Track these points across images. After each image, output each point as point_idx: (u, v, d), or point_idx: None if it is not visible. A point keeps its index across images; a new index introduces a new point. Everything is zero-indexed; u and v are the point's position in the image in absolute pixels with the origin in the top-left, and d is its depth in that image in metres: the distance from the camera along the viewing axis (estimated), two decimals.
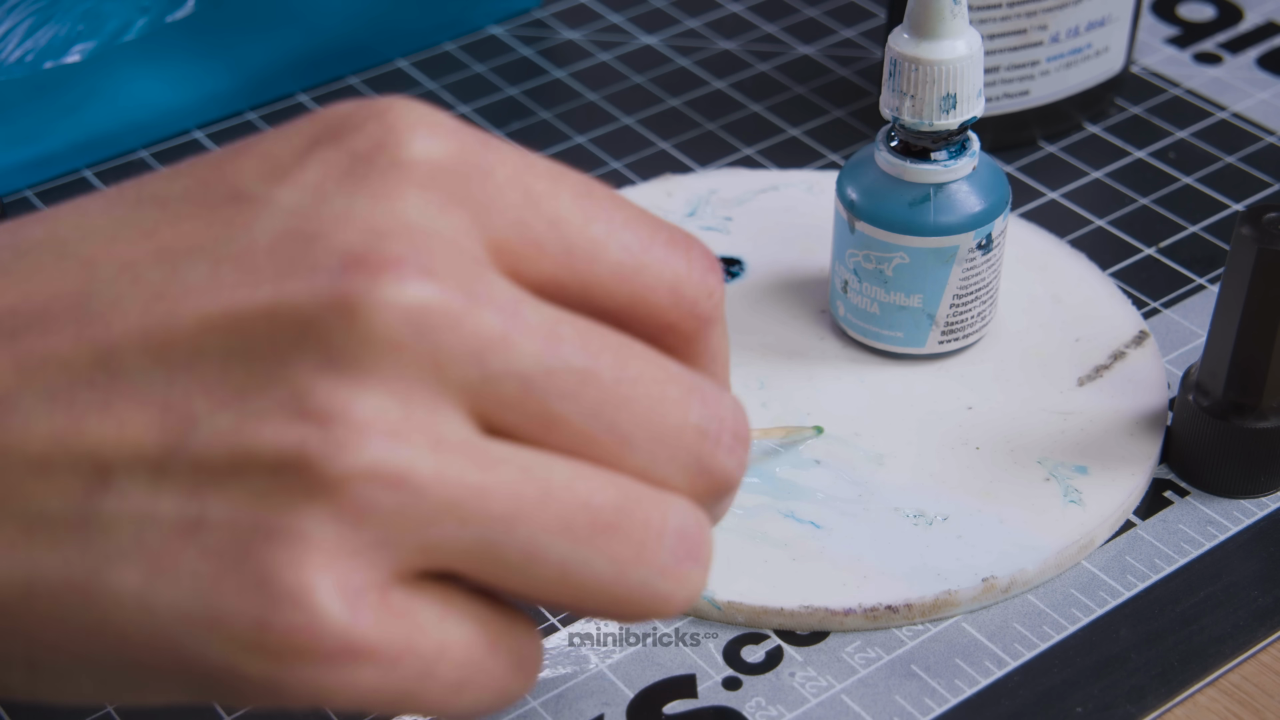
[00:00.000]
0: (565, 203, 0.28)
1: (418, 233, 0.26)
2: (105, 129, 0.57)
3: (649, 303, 0.29)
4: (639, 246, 0.29)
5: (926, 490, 0.44)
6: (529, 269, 0.28)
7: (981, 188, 0.46)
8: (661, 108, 0.60)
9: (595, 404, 0.27)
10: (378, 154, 0.27)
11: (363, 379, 0.26)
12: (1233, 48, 0.62)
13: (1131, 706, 0.39)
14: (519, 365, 0.26)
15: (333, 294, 0.26)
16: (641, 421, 0.28)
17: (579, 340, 0.27)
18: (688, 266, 0.29)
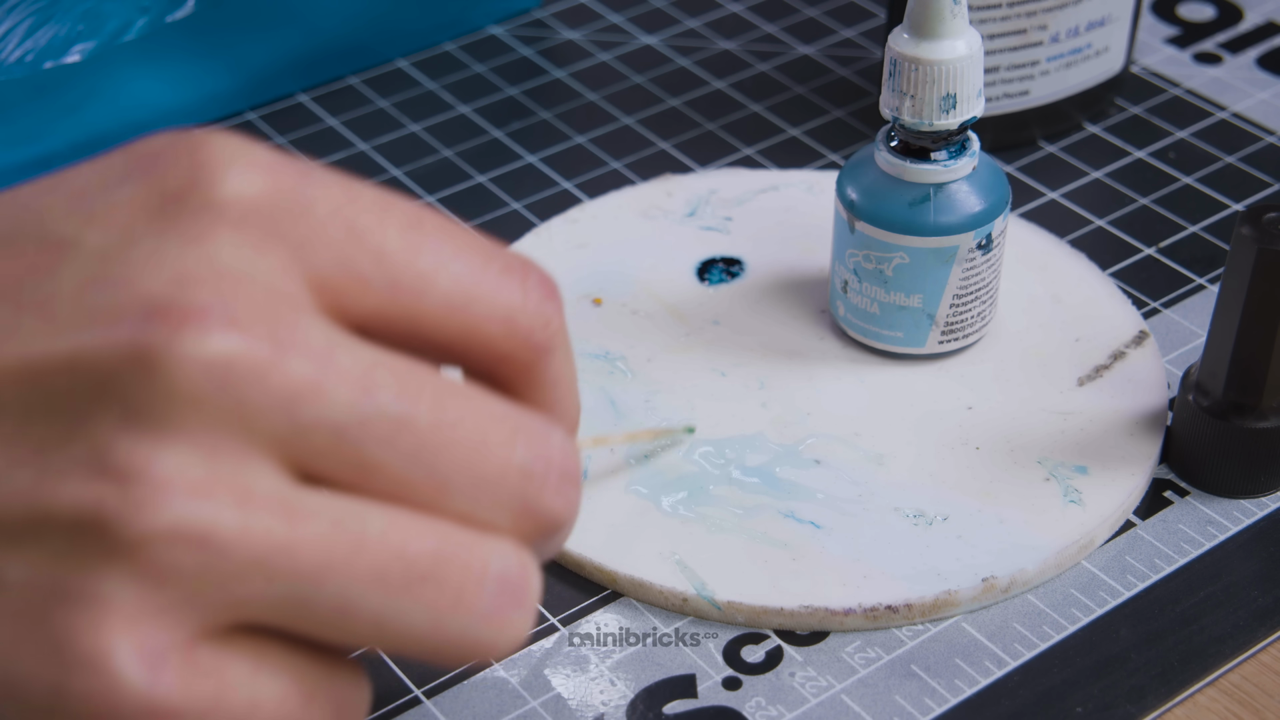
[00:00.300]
0: (391, 235, 0.27)
1: (227, 278, 0.25)
2: (105, 129, 0.57)
3: (481, 335, 0.28)
4: (470, 278, 0.28)
5: (926, 490, 0.44)
6: (353, 305, 0.27)
7: (981, 188, 0.46)
8: (661, 108, 0.60)
9: (413, 450, 0.26)
10: (189, 193, 0.26)
11: (164, 435, 0.25)
12: (1233, 48, 0.62)
13: (1131, 706, 0.39)
14: (331, 414, 0.26)
15: (133, 347, 0.25)
16: (462, 466, 0.27)
17: (396, 385, 0.26)
18: (523, 296, 0.28)
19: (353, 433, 0.26)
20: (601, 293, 0.51)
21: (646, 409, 0.46)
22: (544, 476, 0.28)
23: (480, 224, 0.55)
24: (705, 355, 0.48)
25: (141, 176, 0.27)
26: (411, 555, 0.26)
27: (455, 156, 0.58)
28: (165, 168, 0.27)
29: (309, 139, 0.59)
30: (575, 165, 0.57)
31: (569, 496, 0.29)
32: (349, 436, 0.26)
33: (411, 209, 0.28)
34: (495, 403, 0.28)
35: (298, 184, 0.27)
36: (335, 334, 0.26)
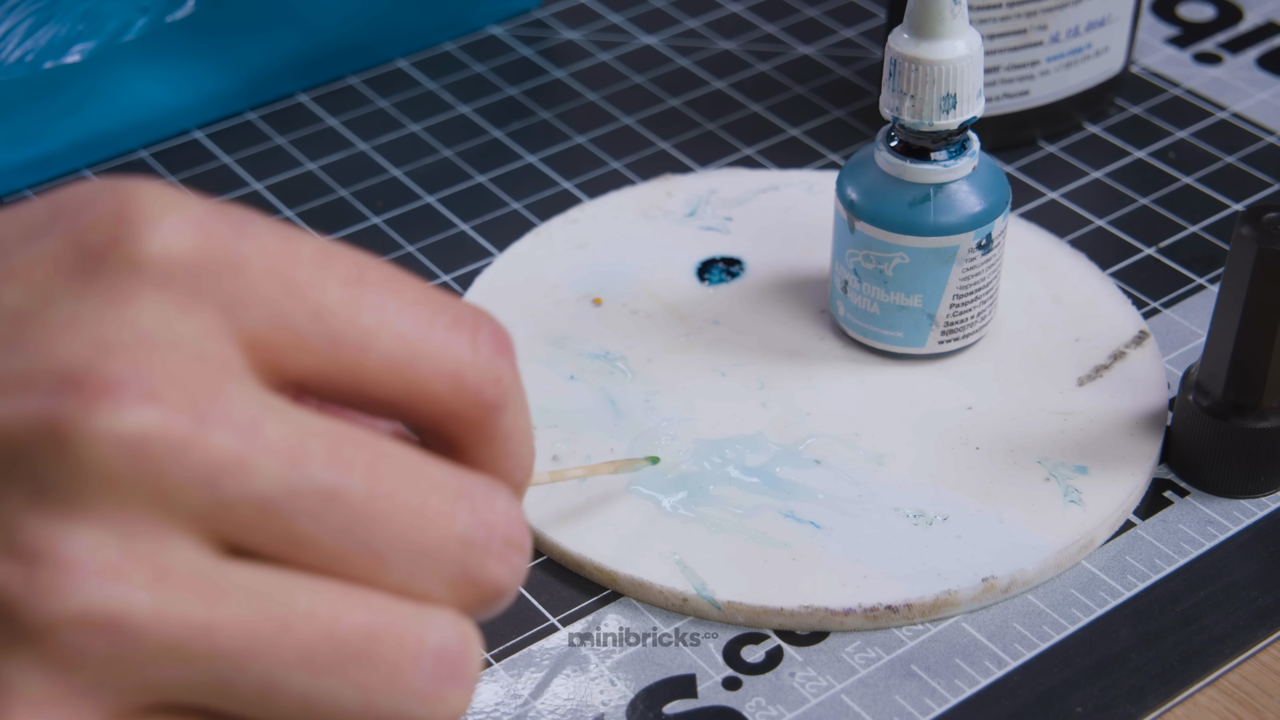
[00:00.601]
0: (331, 291, 0.26)
1: (147, 345, 0.24)
2: (105, 129, 0.57)
3: (427, 392, 0.27)
4: (415, 334, 0.26)
5: (926, 490, 0.44)
6: (290, 363, 0.26)
7: (981, 188, 0.45)
8: (661, 108, 0.60)
9: (345, 523, 0.25)
10: (112, 250, 0.25)
11: (75, 514, 0.24)
12: (1233, 48, 0.62)
13: (1131, 706, 0.39)
14: (257, 488, 0.24)
15: (44, 420, 0.24)
16: (398, 537, 0.26)
17: (327, 455, 0.25)
18: (472, 352, 0.27)
19: (281, 506, 0.25)
20: (601, 293, 0.51)
21: (646, 409, 0.46)
22: (486, 544, 0.27)
23: (480, 224, 0.55)
24: (705, 355, 0.48)
25: (63, 230, 0.25)
26: (342, 633, 0.25)
27: (455, 156, 0.58)
28: (88, 221, 0.25)
29: (309, 139, 0.59)
30: (575, 165, 0.57)
31: (513, 563, 0.27)
32: (276, 510, 0.25)
33: (354, 261, 0.27)
34: (435, 467, 0.27)
35: (230, 239, 0.26)
36: (264, 399, 0.25)
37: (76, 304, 0.24)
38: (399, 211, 0.56)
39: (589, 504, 0.44)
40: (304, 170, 0.58)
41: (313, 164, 0.58)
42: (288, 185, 0.57)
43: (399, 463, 0.26)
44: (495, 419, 0.28)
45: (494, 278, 0.52)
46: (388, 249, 0.54)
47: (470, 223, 0.55)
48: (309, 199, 0.56)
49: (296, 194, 0.57)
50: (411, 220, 0.55)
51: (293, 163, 0.58)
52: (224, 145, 0.59)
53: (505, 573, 0.27)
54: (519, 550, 0.27)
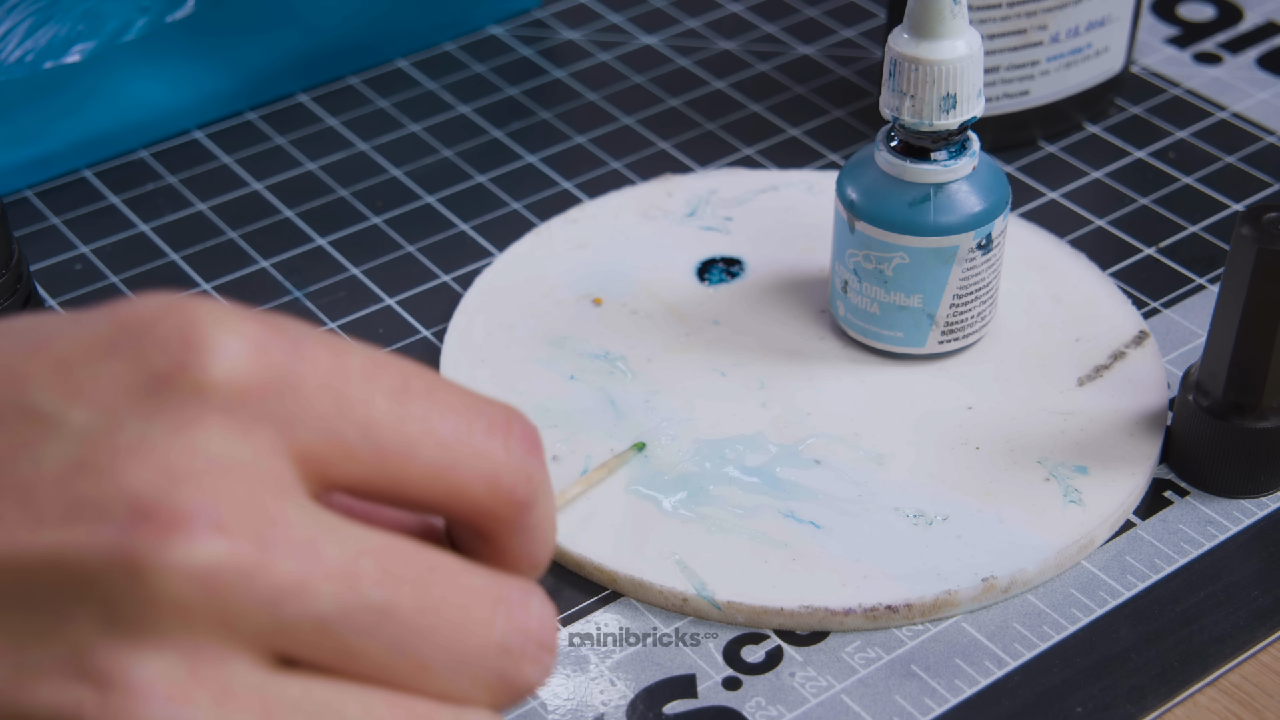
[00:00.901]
0: (378, 405, 0.27)
1: (213, 472, 0.25)
2: (105, 129, 0.57)
3: (465, 495, 0.28)
4: (455, 440, 0.28)
5: (926, 490, 0.44)
6: (338, 473, 0.27)
7: (981, 188, 0.45)
8: (661, 108, 0.60)
9: (395, 637, 0.27)
10: (177, 375, 0.26)
11: (146, 641, 0.25)
12: (1233, 48, 0.62)
13: (1131, 706, 0.39)
14: (315, 609, 0.26)
15: (119, 551, 0.25)
16: (443, 648, 0.27)
17: (380, 573, 0.26)
18: (505, 454, 0.28)
19: (336, 625, 0.26)
20: (601, 293, 0.51)
21: (646, 409, 0.46)
22: (522, 649, 0.28)
23: (480, 224, 0.55)
24: (705, 355, 0.48)
25: (129, 351, 0.26)
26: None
27: (455, 156, 0.58)
28: (153, 344, 0.26)
29: (309, 139, 0.59)
30: (575, 165, 0.57)
31: (544, 664, 0.29)
32: (332, 628, 0.26)
33: (399, 371, 0.28)
34: (475, 575, 0.28)
35: (287, 359, 0.27)
36: (319, 517, 0.26)
37: (144, 427, 0.25)
38: (399, 211, 0.56)
39: (589, 504, 0.44)
40: (304, 170, 0.58)
41: (313, 164, 0.58)
42: (288, 185, 0.57)
43: (443, 575, 0.27)
44: (526, 515, 0.29)
45: (494, 278, 0.52)
46: (388, 249, 0.54)
47: (470, 223, 0.55)
48: (309, 199, 0.56)
49: (296, 194, 0.57)
50: (411, 220, 0.55)
51: (293, 163, 0.58)
52: (224, 145, 0.59)
53: (537, 674, 0.29)
54: (550, 651, 0.29)
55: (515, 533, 0.29)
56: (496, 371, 0.48)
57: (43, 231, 0.55)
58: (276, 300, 0.52)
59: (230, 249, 0.54)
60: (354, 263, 0.54)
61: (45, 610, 0.25)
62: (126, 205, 0.56)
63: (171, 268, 0.53)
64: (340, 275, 0.53)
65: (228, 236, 0.55)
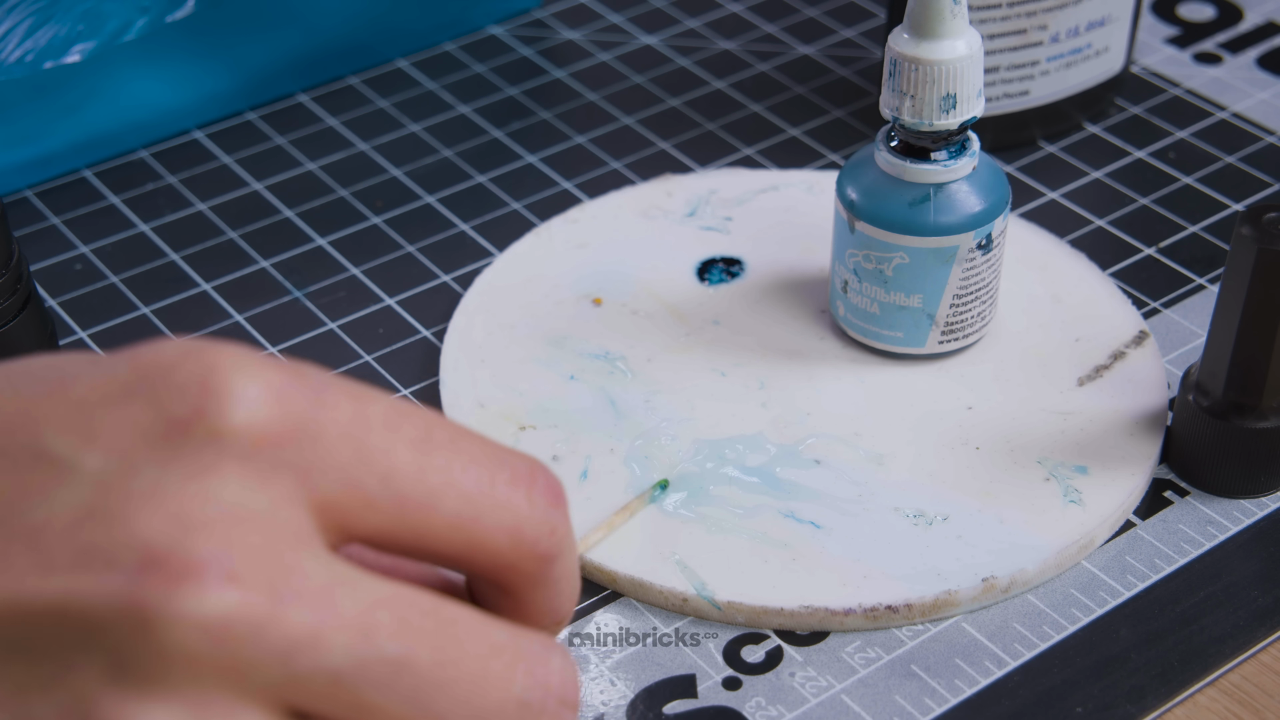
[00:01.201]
0: (400, 455, 0.27)
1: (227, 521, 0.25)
2: (105, 129, 0.57)
3: (488, 547, 0.28)
4: (477, 492, 0.27)
5: (926, 490, 0.44)
6: (359, 522, 0.26)
7: (981, 188, 0.45)
8: (661, 108, 0.60)
9: (411, 691, 0.26)
10: (196, 423, 0.25)
11: (153, 693, 0.24)
12: (1233, 48, 0.62)
13: (1131, 706, 0.39)
14: (329, 661, 0.25)
15: (127, 600, 0.24)
16: (461, 703, 0.26)
17: (396, 625, 0.26)
18: (529, 506, 0.28)
19: (351, 678, 0.25)
20: (601, 293, 0.51)
21: (646, 409, 0.46)
22: (542, 705, 0.27)
23: (480, 224, 0.55)
24: (705, 355, 0.48)
25: (147, 395, 0.25)
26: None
27: (455, 156, 0.58)
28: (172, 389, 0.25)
29: (309, 139, 0.59)
30: (575, 165, 0.57)
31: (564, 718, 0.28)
32: (347, 682, 0.25)
33: (422, 421, 0.27)
34: (496, 629, 0.27)
35: (307, 408, 0.26)
36: (335, 568, 0.26)
37: (159, 474, 0.25)
38: (399, 211, 0.56)
39: (589, 504, 0.44)
40: (304, 170, 0.58)
41: (313, 164, 0.58)
42: (288, 185, 0.57)
43: (462, 628, 0.27)
44: (549, 569, 0.29)
45: (494, 278, 0.52)
46: (388, 249, 0.54)
47: (470, 223, 0.55)
48: (309, 199, 0.56)
49: (296, 194, 0.57)
50: (411, 220, 0.55)
51: (293, 163, 0.58)
52: (224, 145, 0.59)
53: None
54: (571, 708, 0.28)
55: (538, 586, 0.29)
56: (496, 371, 0.48)
57: (43, 231, 0.55)
58: (276, 300, 0.52)
59: (230, 249, 0.54)
60: (354, 263, 0.54)
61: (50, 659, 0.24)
62: (126, 205, 0.56)
63: (171, 268, 0.53)
64: (340, 275, 0.53)
65: (228, 236, 0.55)
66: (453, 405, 0.47)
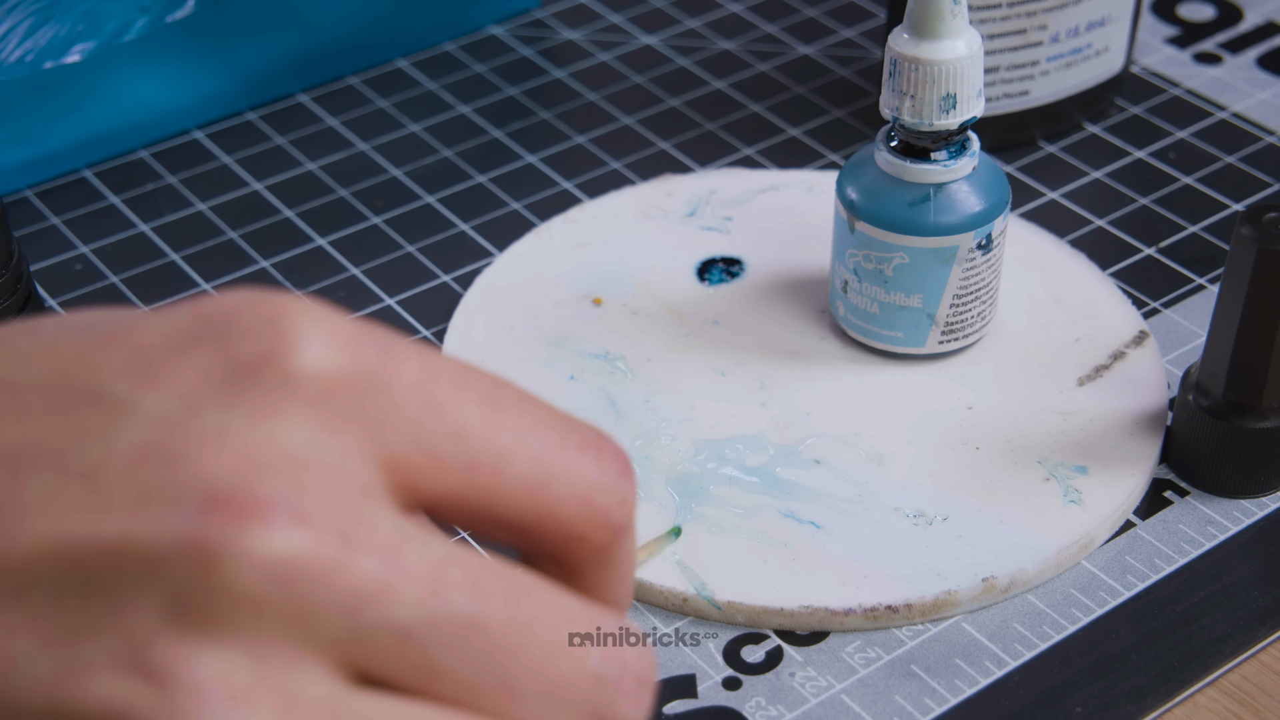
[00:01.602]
0: (469, 412, 0.26)
1: (295, 464, 0.24)
2: (105, 129, 0.57)
3: (558, 515, 0.27)
4: (548, 455, 0.26)
5: (926, 490, 0.44)
6: (427, 484, 0.25)
7: (981, 188, 0.46)
8: (661, 108, 0.60)
9: (482, 655, 0.25)
10: (264, 365, 0.24)
11: (211, 635, 0.23)
12: (1233, 48, 0.62)
13: (1131, 706, 0.39)
14: (398, 616, 0.24)
15: (190, 538, 0.23)
16: (533, 671, 0.25)
17: (468, 584, 0.25)
18: (599, 473, 0.27)
19: (420, 636, 0.24)
20: (601, 293, 0.51)
21: (646, 409, 0.46)
22: (619, 682, 0.26)
23: (480, 224, 0.55)
24: (705, 355, 0.48)
25: (212, 340, 0.25)
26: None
27: (455, 156, 0.58)
28: (240, 334, 0.25)
29: (309, 139, 0.59)
30: (575, 165, 0.57)
31: (643, 702, 0.27)
32: (416, 639, 0.24)
33: (490, 381, 0.27)
34: (570, 601, 0.27)
35: (379, 358, 0.25)
36: (405, 524, 0.25)
37: (224, 416, 0.24)
38: (399, 211, 0.56)
39: None
40: (304, 170, 0.58)
41: (313, 164, 0.58)
42: (288, 185, 0.57)
43: (536, 592, 0.26)
44: (619, 542, 0.28)
45: (494, 278, 0.52)
46: (388, 249, 0.54)
47: (470, 223, 0.55)
48: (309, 199, 0.56)
49: (296, 194, 0.57)
50: (411, 220, 0.55)
51: (293, 163, 0.58)
52: (224, 145, 0.59)
53: (634, 711, 0.27)
54: (649, 690, 0.27)
55: (605, 565, 0.28)
56: (496, 371, 0.48)
57: (43, 231, 0.55)
58: None
59: (230, 249, 0.54)
60: (354, 263, 0.54)
61: (104, 598, 0.23)
62: (126, 205, 0.56)
63: (171, 268, 0.53)
64: (340, 275, 0.53)
65: (228, 236, 0.55)
66: None
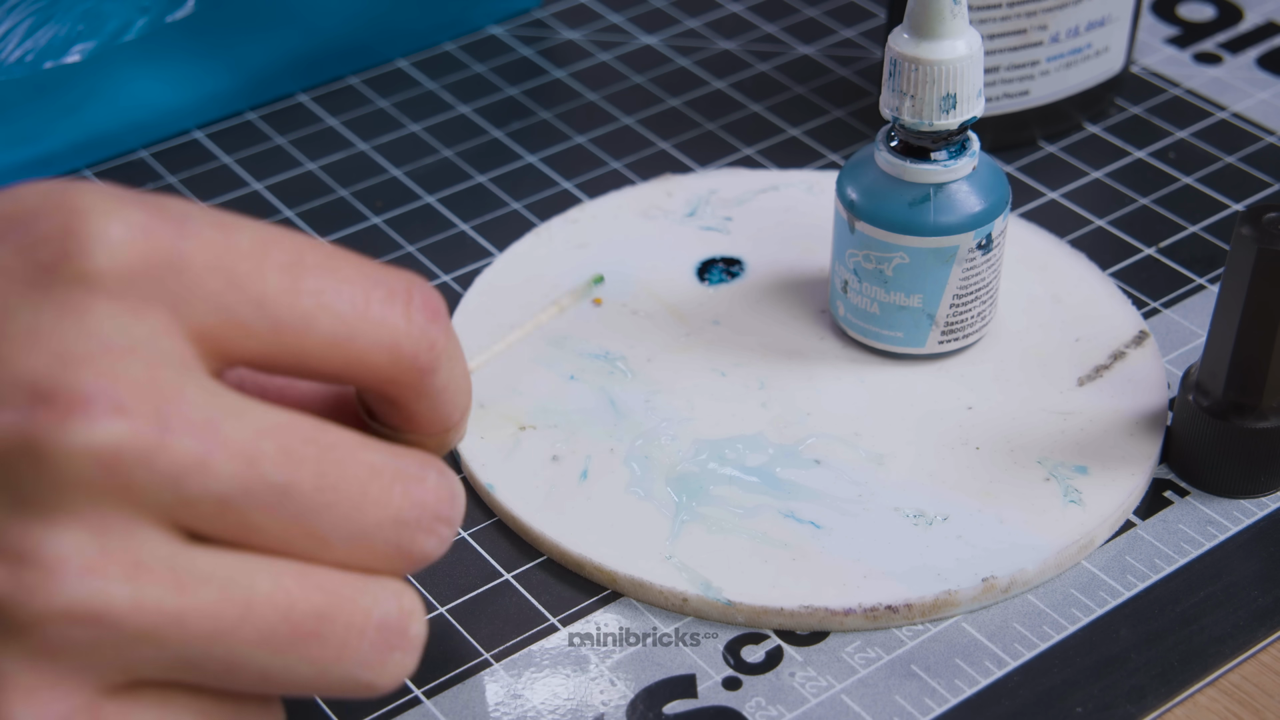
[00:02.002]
0: (271, 279, 0.28)
1: (108, 354, 0.26)
2: (105, 129, 0.57)
3: (366, 364, 0.29)
4: (352, 312, 0.28)
5: (926, 490, 0.44)
6: (237, 350, 0.28)
7: (981, 188, 0.46)
8: (661, 108, 0.60)
9: (295, 514, 0.27)
10: (62, 264, 0.26)
11: (55, 519, 0.25)
12: (1233, 48, 0.62)
13: (1131, 706, 0.39)
14: (216, 488, 0.26)
15: (20, 435, 0.25)
16: (342, 523, 0.28)
17: (279, 453, 0.27)
18: (406, 322, 0.29)
19: (237, 502, 0.27)
20: (601, 293, 0.51)
21: (646, 409, 0.46)
22: (418, 522, 0.29)
23: (480, 224, 0.55)
24: (705, 355, 0.48)
25: (12, 243, 0.26)
26: (297, 616, 0.27)
27: (455, 156, 0.58)
28: (36, 235, 0.26)
29: (309, 139, 0.59)
30: (575, 165, 0.57)
31: (441, 535, 0.30)
32: (234, 505, 0.27)
33: (292, 246, 0.28)
34: (375, 452, 0.29)
35: (173, 239, 0.27)
36: (219, 396, 0.27)
37: (34, 315, 0.26)
38: (399, 211, 0.56)
39: (589, 504, 0.44)
40: (304, 170, 0.58)
41: (313, 164, 0.58)
42: (288, 185, 0.57)
43: (343, 453, 0.28)
44: (430, 380, 0.30)
45: (494, 278, 0.52)
46: (388, 249, 0.54)
47: (470, 223, 0.55)
48: (309, 199, 0.56)
49: (296, 194, 0.57)
50: (411, 220, 0.55)
51: (293, 163, 0.58)
52: (224, 145, 0.59)
53: (434, 545, 0.30)
54: (446, 523, 0.30)
55: (421, 398, 0.30)
56: (497, 371, 0.48)
57: None
58: None
59: None
60: None
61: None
62: None
63: None
64: None
65: None
66: None
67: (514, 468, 0.45)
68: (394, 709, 0.39)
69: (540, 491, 0.44)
